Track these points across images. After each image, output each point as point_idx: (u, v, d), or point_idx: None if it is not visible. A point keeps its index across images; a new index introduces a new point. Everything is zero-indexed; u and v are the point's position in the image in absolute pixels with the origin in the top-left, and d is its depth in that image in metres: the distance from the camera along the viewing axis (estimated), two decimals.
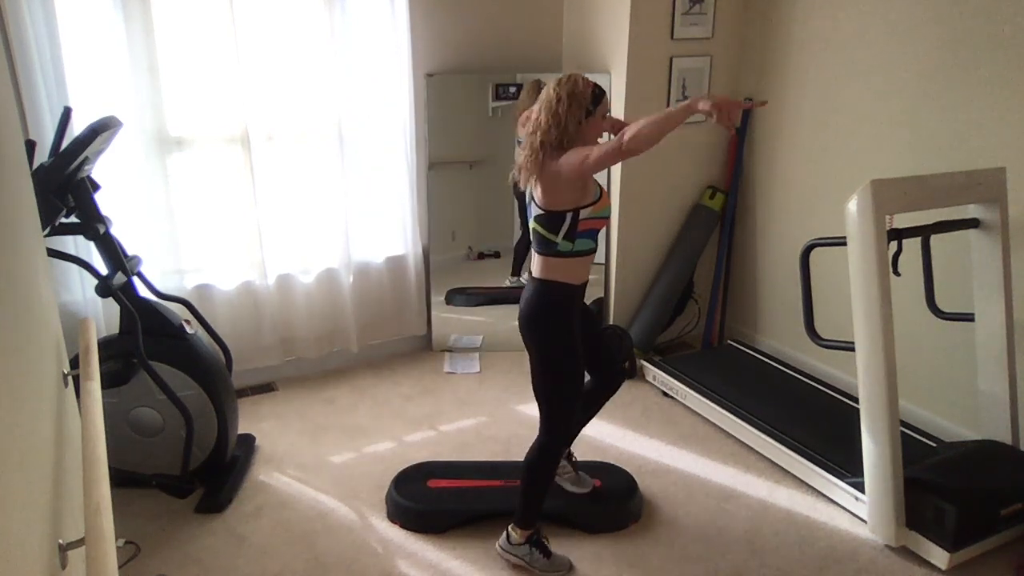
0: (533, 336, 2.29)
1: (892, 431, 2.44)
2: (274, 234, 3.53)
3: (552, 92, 2.13)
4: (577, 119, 2.12)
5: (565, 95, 2.11)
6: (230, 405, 2.88)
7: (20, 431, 1.02)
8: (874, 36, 3.17)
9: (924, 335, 3.14)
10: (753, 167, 3.91)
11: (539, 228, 2.24)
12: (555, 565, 2.45)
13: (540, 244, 2.25)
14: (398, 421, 3.40)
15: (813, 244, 2.80)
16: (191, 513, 2.74)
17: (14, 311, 1.13)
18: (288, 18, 3.32)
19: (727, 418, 3.24)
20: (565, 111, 2.11)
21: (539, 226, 2.23)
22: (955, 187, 2.58)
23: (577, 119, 2.12)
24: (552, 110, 2.12)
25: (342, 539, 2.62)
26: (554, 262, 2.24)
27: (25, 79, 2.78)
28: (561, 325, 2.27)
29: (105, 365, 2.55)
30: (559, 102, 2.11)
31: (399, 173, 3.73)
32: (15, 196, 1.34)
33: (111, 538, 1.06)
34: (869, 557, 2.54)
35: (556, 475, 2.54)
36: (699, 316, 4.20)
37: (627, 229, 3.82)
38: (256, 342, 3.60)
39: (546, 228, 2.22)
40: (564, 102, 2.11)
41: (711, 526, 2.69)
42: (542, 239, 2.24)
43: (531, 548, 2.43)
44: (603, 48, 3.69)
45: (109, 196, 2.89)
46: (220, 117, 3.26)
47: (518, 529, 2.45)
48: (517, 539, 2.44)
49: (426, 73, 3.69)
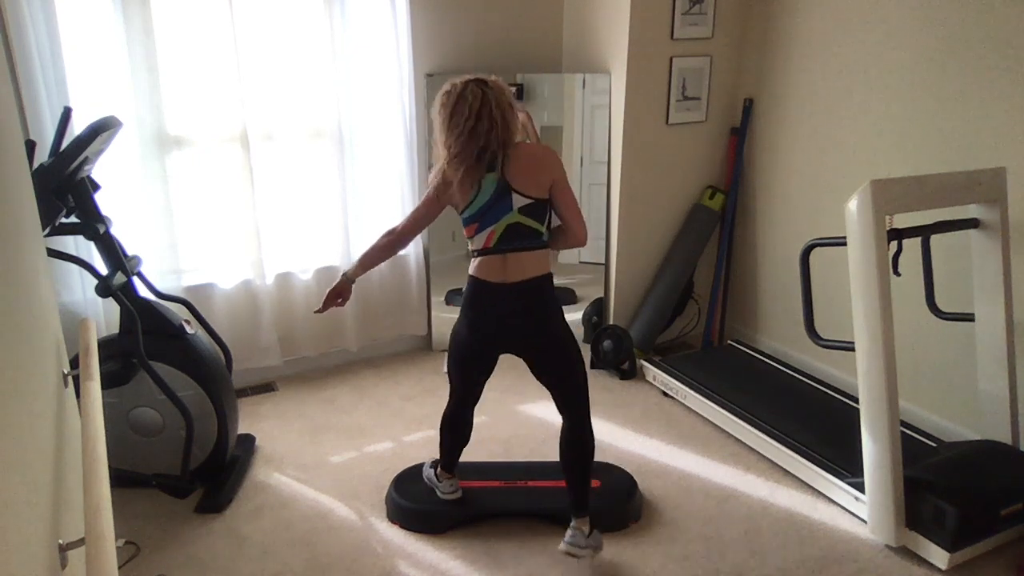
0: (559, 331, 2.31)
1: (892, 431, 2.44)
2: (273, 233, 3.54)
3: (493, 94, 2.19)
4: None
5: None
6: (230, 405, 2.88)
7: (20, 431, 1.01)
8: (874, 36, 3.17)
9: (924, 335, 3.14)
10: (753, 167, 3.92)
11: (529, 220, 2.21)
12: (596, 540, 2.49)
13: (531, 239, 2.22)
14: (398, 421, 3.40)
15: (813, 244, 2.80)
16: (191, 513, 2.74)
17: (14, 311, 1.13)
18: (288, 18, 3.32)
19: (727, 418, 3.24)
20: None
21: (528, 218, 2.21)
22: (955, 187, 2.58)
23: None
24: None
25: (342, 539, 2.62)
26: (546, 254, 2.27)
27: (25, 79, 2.79)
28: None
29: (105, 365, 2.55)
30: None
31: (399, 173, 3.73)
32: (15, 196, 1.34)
33: (111, 538, 1.06)
34: (869, 557, 2.54)
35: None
36: (699, 316, 4.20)
37: (627, 229, 3.83)
38: (256, 341, 3.60)
39: (536, 219, 2.22)
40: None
41: (711, 526, 2.69)
42: (532, 232, 2.22)
43: (596, 533, 2.46)
44: (603, 48, 3.69)
45: (109, 196, 2.90)
46: (219, 117, 3.27)
47: (586, 520, 2.44)
48: (587, 529, 2.43)
49: (426, 73, 3.69)
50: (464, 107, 2.12)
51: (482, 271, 2.24)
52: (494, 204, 2.18)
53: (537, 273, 2.24)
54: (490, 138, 2.13)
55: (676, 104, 3.73)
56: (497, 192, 2.18)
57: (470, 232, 2.24)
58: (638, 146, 3.71)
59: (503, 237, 2.20)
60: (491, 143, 2.14)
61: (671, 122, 3.76)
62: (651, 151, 3.77)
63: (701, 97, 3.80)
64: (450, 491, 2.69)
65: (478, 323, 2.30)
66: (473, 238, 2.24)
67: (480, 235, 2.22)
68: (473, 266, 2.27)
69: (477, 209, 2.19)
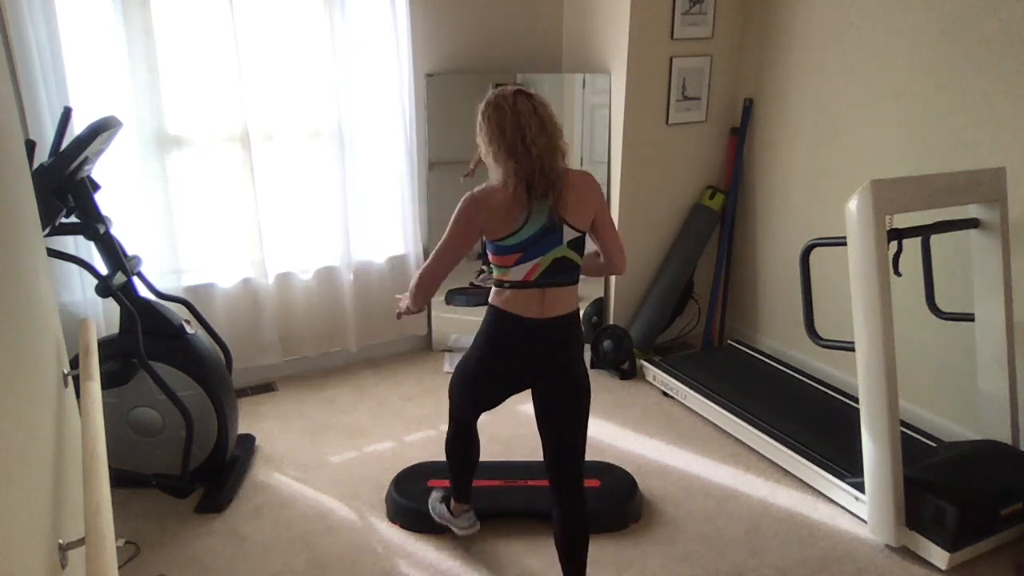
0: (584, 376, 2.13)
1: (892, 431, 2.44)
2: (273, 233, 3.54)
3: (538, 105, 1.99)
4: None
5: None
6: (230, 405, 2.88)
7: (20, 431, 1.01)
8: (874, 36, 3.17)
9: (924, 335, 3.14)
10: (753, 167, 3.91)
11: (574, 255, 2.03)
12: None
13: (573, 272, 2.04)
14: (398, 421, 3.40)
15: (813, 244, 2.80)
16: (191, 513, 2.74)
17: (14, 311, 1.13)
18: (288, 18, 3.32)
19: (727, 418, 3.24)
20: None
21: (574, 251, 2.02)
22: (955, 187, 2.58)
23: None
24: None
25: (342, 539, 2.62)
26: (578, 287, 2.09)
27: (25, 79, 2.78)
28: None
29: (105, 365, 2.55)
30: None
31: (399, 173, 3.73)
32: (15, 196, 1.34)
33: (111, 538, 1.06)
34: (869, 557, 2.54)
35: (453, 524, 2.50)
36: (699, 316, 4.20)
37: (627, 229, 3.82)
38: (256, 341, 3.60)
39: (579, 252, 2.04)
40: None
41: (711, 526, 2.69)
42: (575, 266, 2.04)
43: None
44: (603, 48, 3.69)
45: (109, 196, 2.89)
46: (219, 116, 3.27)
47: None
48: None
49: (426, 73, 3.69)
50: (522, 120, 1.92)
51: (516, 305, 2.01)
52: (544, 236, 1.97)
53: (572, 308, 2.07)
54: (544, 163, 1.93)
55: (676, 104, 3.73)
56: (548, 223, 1.97)
57: (506, 262, 1.99)
58: (638, 146, 3.71)
59: (547, 271, 1.99)
60: (546, 168, 1.93)
61: (671, 122, 3.76)
62: (651, 151, 3.77)
63: (701, 97, 3.80)
64: (467, 526, 2.49)
65: (505, 359, 2.10)
66: (510, 269, 2.00)
67: (521, 267, 1.98)
68: (502, 298, 2.03)
69: (523, 239, 1.96)
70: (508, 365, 2.11)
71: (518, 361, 2.09)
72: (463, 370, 2.22)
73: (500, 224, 1.96)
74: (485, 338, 2.11)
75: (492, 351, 2.11)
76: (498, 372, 2.14)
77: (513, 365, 2.11)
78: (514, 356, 2.09)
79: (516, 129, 1.92)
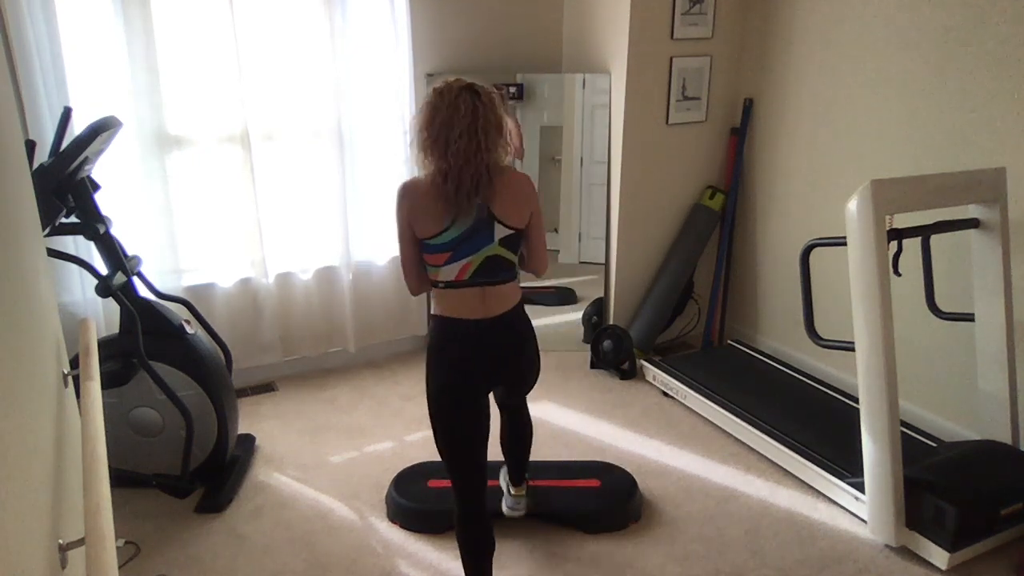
0: (533, 350, 2.16)
1: (892, 431, 2.44)
2: (273, 233, 3.54)
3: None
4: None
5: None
6: (230, 405, 2.88)
7: (20, 431, 1.01)
8: (874, 36, 3.17)
9: (924, 335, 3.14)
10: (753, 167, 3.92)
11: (507, 253, 2.02)
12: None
13: (508, 271, 2.03)
14: (398, 421, 3.40)
15: (813, 244, 2.80)
16: (191, 513, 2.74)
17: (14, 311, 1.13)
18: (288, 17, 3.32)
19: (727, 418, 3.24)
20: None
21: (506, 249, 2.01)
22: (955, 187, 2.58)
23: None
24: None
25: (342, 539, 2.62)
26: (519, 282, 2.10)
27: (25, 79, 2.79)
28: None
29: (105, 365, 2.55)
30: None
31: (399, 173, 3.73)
32: (15, 196, 1.34)
33: (111, 538, 1.06)
34: (869, 557, 2.54)
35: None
36: (699, 316, 4.20)
37: (627, 229, 3.83)
38: (256, 341, 3.61)
39: (513, 251, 2.04)
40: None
41: (711, 526, 2.69)
42: (509, 264, 2.03)
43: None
44: (603, 48, 3.69)
45: (109, 196, 2.90)
46: (220, 116, 3.27)
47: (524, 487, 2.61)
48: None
49: (426, 73, 3.69)
50: (454, 118, 1.89)
51: (457, 308, 1.99)
52: (473, 234, 1.95)
53: (516, 302, 2.07)
54: (476, 160, 1.90)
55: (676, 104, 3.73)
56: (477, 221, 1.95)
57: (436, 261, 1.97)
58: (638, 146, 3.71)
59: (479, 270, 1.97)
60: (477, 166, 1.91)
61: (671, 122, 3.76)
62: (651, 151, 3.77)
63: (701, 97, 3.80)
64: None
65: (458, 366, 2.01)
66: (440, 268, 1.97)
67: (450, 266, 1.96)
68: (442, 305, 2.01)
69: (452, 238, 1.94)
70: (467, 368, 2.02)
71: (472, 362, 2.02)
72: (432, 415, 2.07)
73: (429, 222, 1.95)
74: (433, 351, 2.03)
75: (444, 361, 2.02)
76: (459, 377, 2.02)
77: (470, 366, 2.02)
78: (467, 360, 2.01)
79: (444, 125, 1.90)
